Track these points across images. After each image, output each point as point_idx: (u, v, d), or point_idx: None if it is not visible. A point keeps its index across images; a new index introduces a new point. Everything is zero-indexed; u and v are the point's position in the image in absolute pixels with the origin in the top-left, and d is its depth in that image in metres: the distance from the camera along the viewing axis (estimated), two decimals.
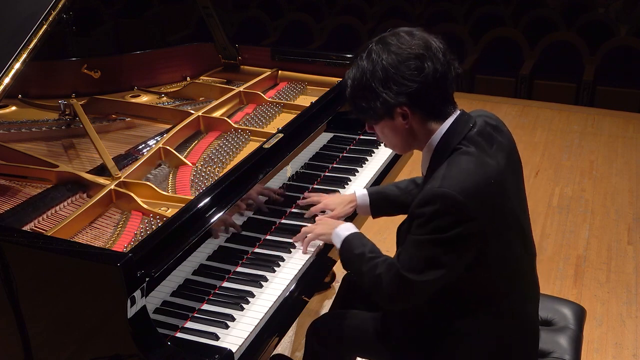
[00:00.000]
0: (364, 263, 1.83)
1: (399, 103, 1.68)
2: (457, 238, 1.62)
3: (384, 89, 1.68)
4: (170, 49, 3.24)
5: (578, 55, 6.14)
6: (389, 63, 1.67)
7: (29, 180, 2.19)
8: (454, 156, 1.69)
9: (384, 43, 1.71)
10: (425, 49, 1.68)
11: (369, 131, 1.85)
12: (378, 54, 1.69)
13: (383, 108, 1.70)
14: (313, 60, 3.06)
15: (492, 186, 1.66)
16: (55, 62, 2.93)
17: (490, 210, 1.65)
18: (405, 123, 1.72)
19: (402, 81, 1.66)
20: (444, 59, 1.69)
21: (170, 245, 1.75)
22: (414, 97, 1.68)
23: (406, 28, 1.74)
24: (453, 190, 1.60)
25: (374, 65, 1.69)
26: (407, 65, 1.66)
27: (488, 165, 1.68)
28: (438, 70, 1.67)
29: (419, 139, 1.77)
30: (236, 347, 1.71)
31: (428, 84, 1.67)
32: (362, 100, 1.73)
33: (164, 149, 2.32)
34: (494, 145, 1.74)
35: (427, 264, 1.67)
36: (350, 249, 1.90)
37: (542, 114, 5.63)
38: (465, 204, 1.60)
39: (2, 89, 2.01)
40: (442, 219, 1.61)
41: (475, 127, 1.74)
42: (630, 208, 4.20)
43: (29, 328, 1.70)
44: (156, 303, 1.76)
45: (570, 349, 2.03)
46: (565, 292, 3.36)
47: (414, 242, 1.68)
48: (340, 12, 7.64)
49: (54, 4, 2.15)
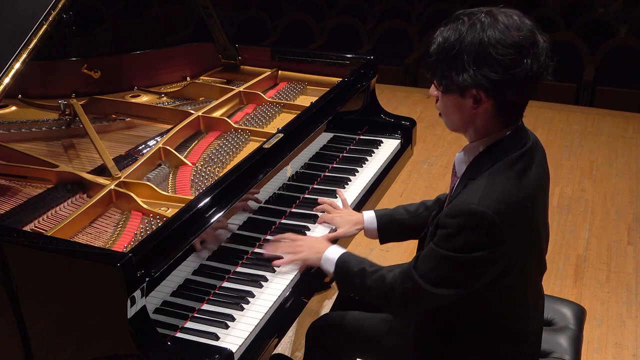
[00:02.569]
0: (367, 278, 1.77)
1: (480, 86, 1.54)
2: (482, 260, 1.56)
3: (473, 65, 1.53)
4: (170, 49, 3.24)
5: (578, 55, 6.14)
6: (490, 42, 1.51)
7: (29, 180, 2.19)
8: (499, 170, 1.59)
9: (494, 18, 1.54)
10: (531, 43, 1.54)
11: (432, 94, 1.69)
12: (483, 27, 1.53)
13: (461, 83, 1.55)
14: (313, 60, 3.06)
15: (526, 210, 1.59)
16: (55, 62, 2.93)
17: (520, 234, 1.59)
18: (474, 107, 1.59)
19: (494, 66, 1.52)
20: (543, 62, 1.56)
21: (170, 245, 1.75)
22: (497, 87, 1.54)
23: (518, 12, 1.59)
24: (490, 210, 1.52)
25: (474, 36, 1.52)
26: (507, 52, 1.51)
27: (528, 187, 1.60)
28: (533, 70, 1.54)
29: (476, 130, 1.65)
30: (236, 347, 1.71)
31: (517, 80, 1.53)
32: (444, 66, 1.58)
33: (164, 149, 2.32)
34: (532, 166, 1.64)
35: (448, 280, 1.62)
36: (348, 268, 1.84)
37: (542, 114, 5.63)
38: (499, 227, 1.53)
39: (2, 89, 2.01)
40: (471, 237, 1.55)
41: (526, 146, 1.64)
42: (630, 208, 4.20)
43: (29, 328, 1.70)
44: (156, 303, 1.76)
45: (570, 349, 2.03)
46: (565, 292, 3.36)
47: (438, 255, 1.61)
48: (340, 12, 7.64)
49: (54, 4, 2.15)
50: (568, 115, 5.69)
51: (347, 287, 1.91)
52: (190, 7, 7.18)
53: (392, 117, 2.96)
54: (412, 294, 1.67)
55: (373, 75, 2.90)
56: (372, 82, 2.91)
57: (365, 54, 3.00)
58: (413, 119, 2.95)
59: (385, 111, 2.98)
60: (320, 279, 2.07)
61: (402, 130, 2.89)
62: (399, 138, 2.86)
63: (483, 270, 1.59)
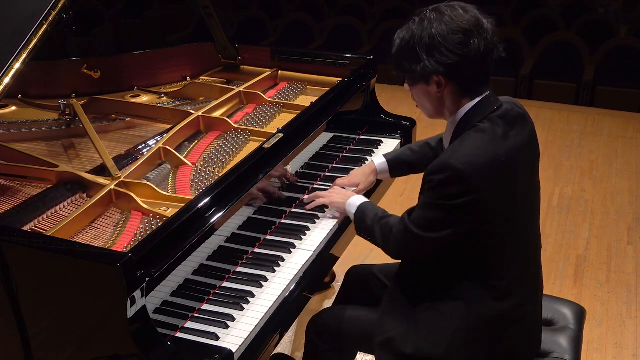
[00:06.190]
0: (377, 222, 1.99)
1: (437, 72, 1.77)
2: (460, 206, 1.73)
3: (427, 56, 1.76)
4: (170, 49, 3.24)
5: (578, 55, 6.14)
6: (438, 32, 1.74)
7: (29, 180, 2.19)
8: (470, 132, 1.79)
9: (439, 12, 1.78)
10: (476, 26, 1.75)
11: (407, 89, 1.91)
12: (430, 22, 1.76)
13: (421, 73, 1.79)
14: (313, 60, 3.06)
15: (501, 164, 1.74)
16: (55, 62, 2.93)
17: (496, 186, 1.74)
18: (439, 91, 1.81)
19: (445, 52, 1.74)
20: (490, 39, 1.76)
21: (170, 245, 1.75)
22: (452, 69, 1.76)
23: (463, 3, 1.81)
24: (460, 161, 1.70)
25: (422, 31, 1.76)
26: (453, 38, 1.73)
27: (500, 144, 1.76)
28: (481, 48, 1.74)
29: (448, 109, 1.85)
30: (236, 347, 1.71)
31: (468, 59, 1.74)
32: (405, 61, 1.82)
33: (164, 149, 2.32)
34: (514, 129, 1.81)
35: (433, 224, 1.79)
36: (365, 212, 2.06)
37: (542, 114, 5.63)
38: (469, 177, 1.69)
39: (2, 89, 2.01)
40: (447, 188, 1.73)
41: (499, 110, 1.82)
42: (630, 208, 4.20)
43: (29, 328, 1.70)
44: (156, 303, 1.76)
45: (570, 349, 2.03)
46: (565, 292, 3.36)
47: (424, 203, 1.81)
48: (340, 12, 7.63)
49: (54, 4, 2.15)
50: (568, 115, 5.69)
51: (361, 229, 2.08)
52: (190, 7, 7.17)
53: (392, 117, 2.96)
54: (405, 237, 1.86)
55: (373, 75, 2.90)
56: (372, 82, 2.91)
57: (365, 54, 3.00)
58: (413, 119, 2.95)
59: (385, 111, 2.98)
60: (320, 279, 2.07)
61: (402, 130, 2.89)
62: (399, 138, 2.86)
63: (463, 214, 1.75)
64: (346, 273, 2.37)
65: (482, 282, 1.83)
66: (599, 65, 6.04)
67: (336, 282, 3.29)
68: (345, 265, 2.41)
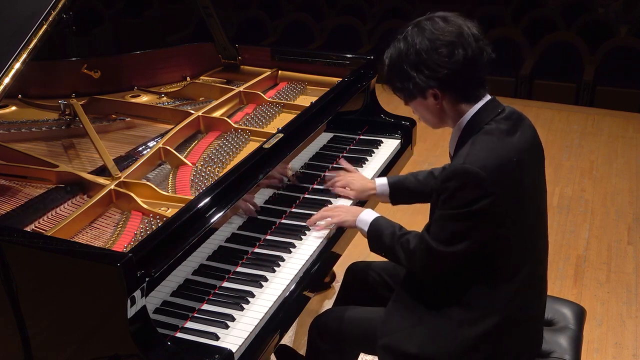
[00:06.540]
0: (396, 240, 1.93)
1: (430, 86, 1.78)
2: (479, 212, 1.71)
3: (417, 72, 1.78)
4: (170, 49, 3.24)
5: (578, 55, 6.14)
6: (422, 48, 1.76)
7: (29, 180, 2.19)
8: (479, 136, 1.78)
9: (419, 27, 1.79)
10: (457, 36, 1.75)
11: (405, 105, 1.92)
12: (412, 38, 1.78)
13: (415, 89, 1.81)
14: (313, 60, 3.06)
15: (514, 164, 1.74)
16: (55, 62, 2.93)
17: (510, 187, 1.74)
18: (437, 103, 1.82)
19: (433, 66, 1.75)
20: (475, 45, 1.76)
21: (170, 245, 1.75)
22: (444, 81, 1.77)
23: (442, 13, 1.82)
24: (475, 166, 1.69)
25: (408, 48, 1.78)
26: (438, 52, 1.74)
27: (510, 144, 1.76)
28: (468, 56, 1.75)
29: (451, 118, 1.86)
30: (236, 347, 1.71)
31: (458, 69, 1.75)
32: (397, 80, 1.85)
33: (164, 149, 2.32)
34: (518, 130, 1.82)
35: (455, 236, 1.76)
36: (380, 229, 2.01)
37: (542, 114, 5.63)
38: (486, 180, 1.69)
39: (2, 89, 2.01)
40: (465, 194, 1.71)
41: (503, 113, 1.83)
42: (630, 208, 4.20)
43: (29, 328, 1.70)
44: (156, 303, 1.76)
45: (570, 349, 2.03)
46: (565, 292, 3.36)
47: (442, 216, 1.78)
48: (340, 12, 7.63)
49: (54, 4, 2.15)
50: (568, 115, 5.68)
51: (378, 247, 2.03)
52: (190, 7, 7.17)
53: (392, 117, 2.96)
54: (428, 255, 1.82)
55: (373, 75, 2.90)
56: (372, 82, 2.91)
57: (365, 54, 3.00)
58: (413, 119, 2.94)
59: (385, 111, 2.98)
60: (320, 279, 2.07)
61: (402, 130, 2.89)
62: (399, 138, 2.86)
63: (484, 219, 1.73)
64: (346, 270, 2.37)
65: (491, 286, 1.81)
66: (599, 65, 6.04)
67: (336, 282, 3.29)
68: (345, 264, 2.41)
